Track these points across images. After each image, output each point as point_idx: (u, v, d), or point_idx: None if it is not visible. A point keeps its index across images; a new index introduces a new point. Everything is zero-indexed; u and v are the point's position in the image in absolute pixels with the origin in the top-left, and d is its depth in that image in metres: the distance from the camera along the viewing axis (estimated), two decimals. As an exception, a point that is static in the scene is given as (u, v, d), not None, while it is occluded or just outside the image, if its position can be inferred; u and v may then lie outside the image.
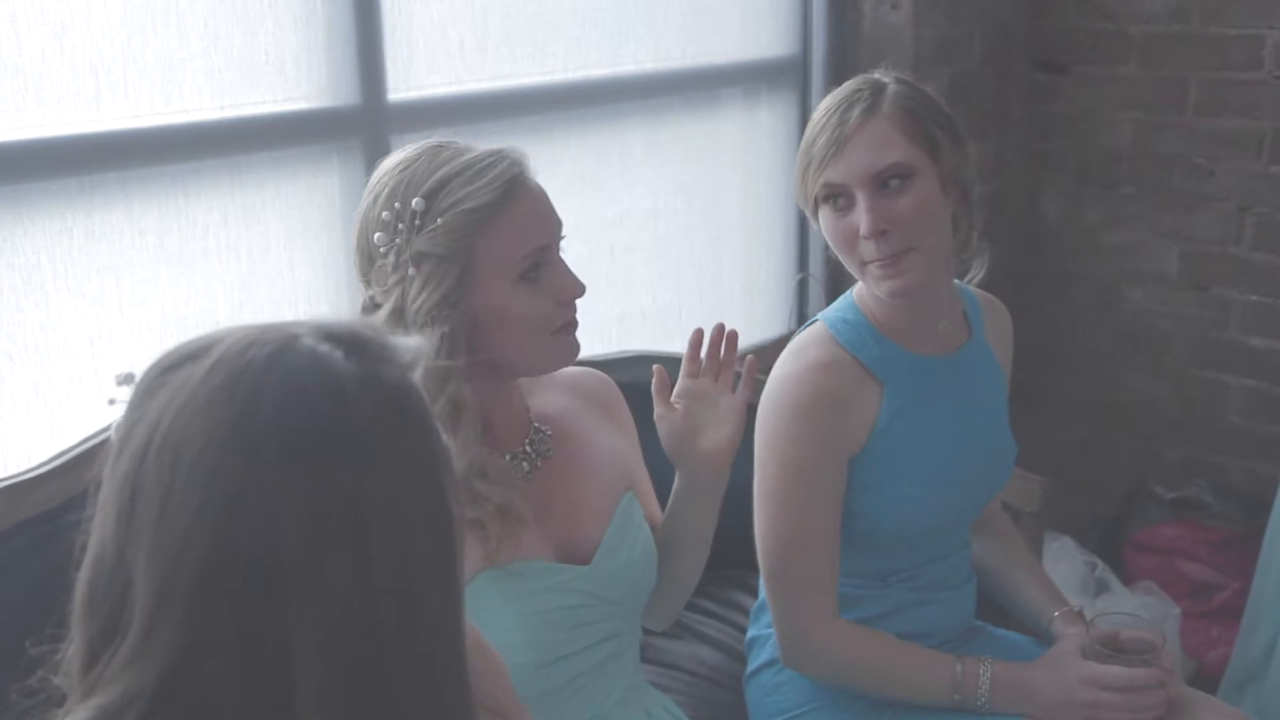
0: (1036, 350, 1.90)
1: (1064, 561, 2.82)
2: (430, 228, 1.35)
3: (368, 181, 2.07)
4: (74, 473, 1.59)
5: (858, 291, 1.73)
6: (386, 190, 1.39)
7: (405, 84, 2.14)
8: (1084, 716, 1.59)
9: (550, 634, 1.42)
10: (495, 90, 2.29)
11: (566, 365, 1.49)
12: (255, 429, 0.77)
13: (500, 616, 1.37)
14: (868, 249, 1.60)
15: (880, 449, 1.66)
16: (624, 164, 2.57)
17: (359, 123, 2.07)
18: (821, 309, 2.97)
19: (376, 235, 1.39)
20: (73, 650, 0.82)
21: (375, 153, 2.08)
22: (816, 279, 3.02)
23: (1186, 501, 3.00)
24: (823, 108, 1.64)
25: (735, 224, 2.87)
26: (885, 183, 1.59)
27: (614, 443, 1.58)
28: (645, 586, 1.55)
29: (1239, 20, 2.91)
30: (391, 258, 1.38)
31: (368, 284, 1.43)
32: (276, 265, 2.02)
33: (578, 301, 1.46)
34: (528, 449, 1.49)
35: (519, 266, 1.38)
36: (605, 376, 1.65)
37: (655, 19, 2.56)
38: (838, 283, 3.02)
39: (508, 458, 1.47)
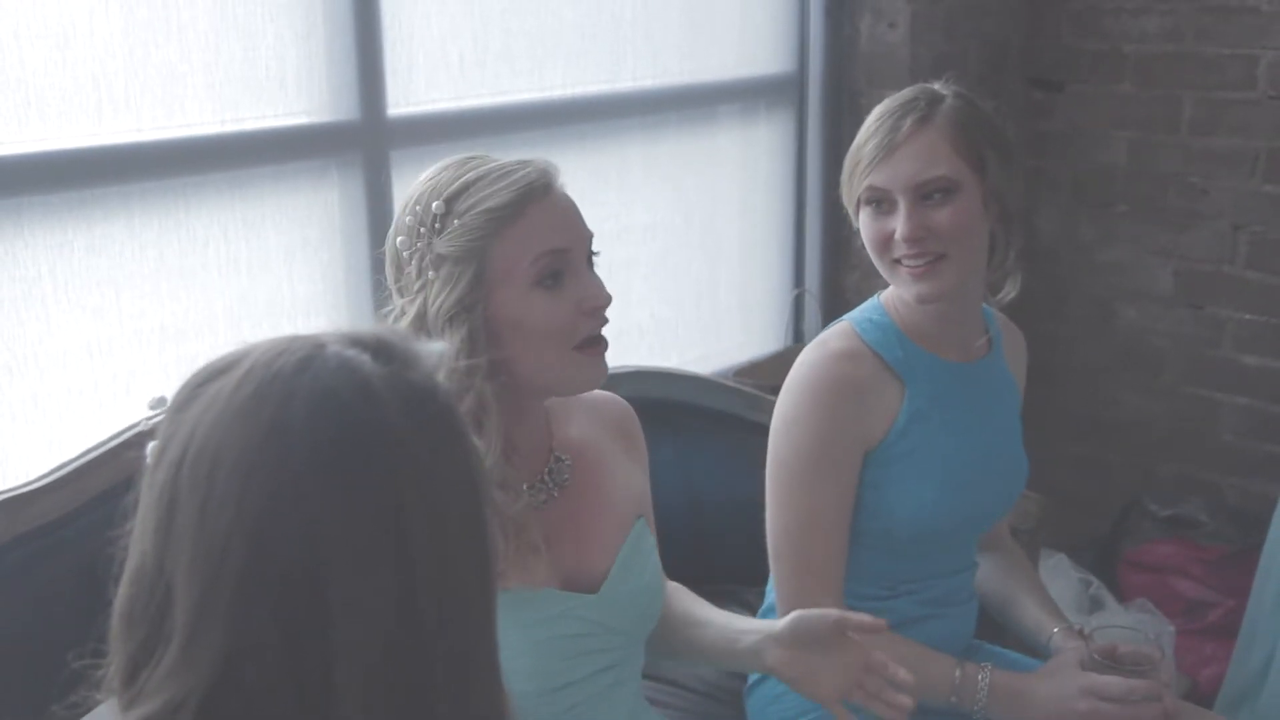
0: (1031, 367, 1.91)
1: (1059, 579, 2.83)
2: (448, 230, 1.35)
3: (367, 196, 2.11)
4: (73, 485, 1.59)
5: (885, 295, 1.75)
6: (413, 197, 1.40)
7: (405, 99, 2.14)
8: None
9: (554, 662, 1.40)
10: (494, 106, 2.30)
11: (591, 387, 1.44)
12: (288, 432, 0.78)
13: (505, 642, 1.37)
14: (901, 250, 1.63)
15: (899, 447, 1.68)
16: (622, 180, 2.58)
17: (359, 138, 2.08)
18: (817, 325, 3.02)
19: (399, 239, 1.40)
20: (114, 667, 0.82)
21: (375, 168, 2.10)
22: (813, 295, 3.03)
23: (1180, 519, 3.01)
24: (877, 112, 1.67)
25: (732, 240, 2.88)
26: (929, 194, 1.62)
27: (630, 472, 1.56)
28: (652, 614, 1.53)
29: (1233, 40, 2.93)
30: (414, 263, 1.38)
31: (398, 293, 1.42)
32: (276, 279, 2.03)
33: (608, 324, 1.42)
34: (546, 479, 1.47)
35: (533, 270, 1.35)
36: (624, 403, 1.61)
37: (653, 36, 2.58)
38: (834, 299, 3.04)
39: (525, 486, 1.44)
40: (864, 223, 1.67)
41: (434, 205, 1.36)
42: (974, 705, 1.63)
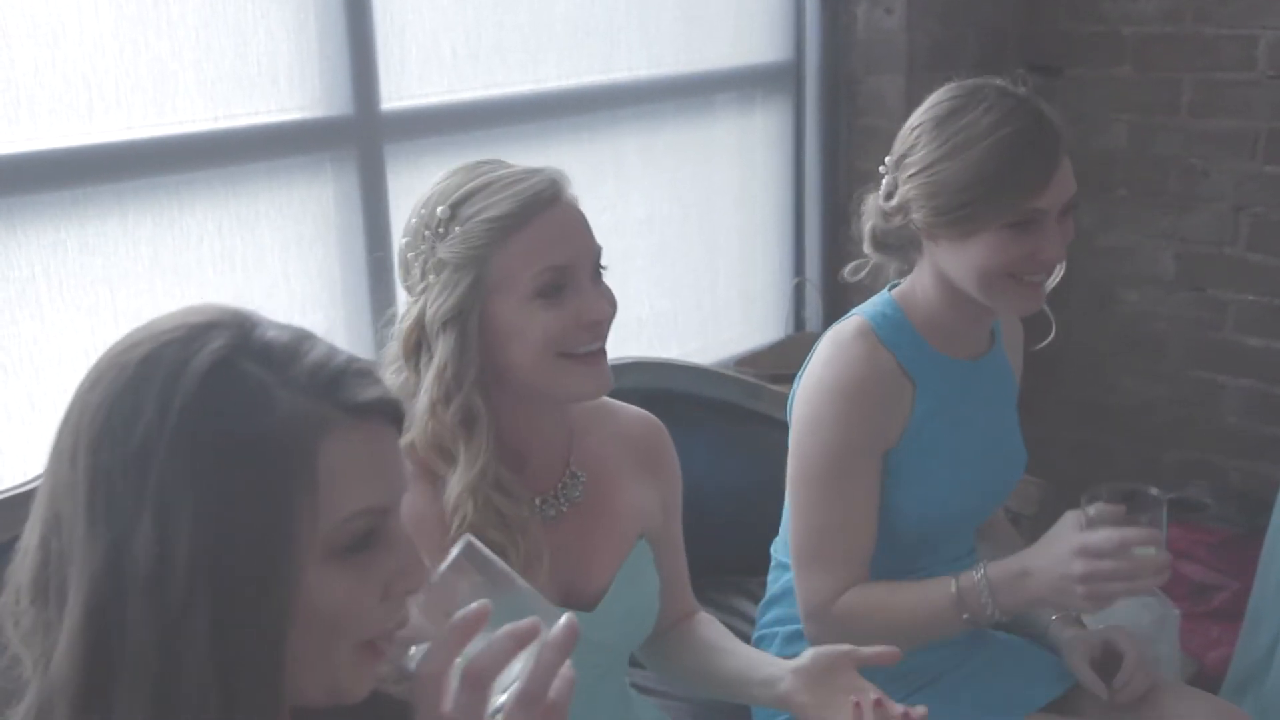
0: (1033, 353, 1.90)
1: (1063, 564, 2.82)
2: (451, 236, 1.34)
3: (362, 191, 2.10)
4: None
5: (900, 291, 1.72)
6: (421, 200, 1.39)
7: (398, 93, 2.14)
8: (1083, 593, 1.52)
9: None
10: (488, 99, 2.29)
11: (589, 396, 1.42)
12: (102, 360, 0.85)
13: None
14: (1032, 269, 1.61)
15: (910, 449, 1.66)
16: (619, 171, 2.57)
17: (352, 132, 2.08)
18: (818, 313, 3.01)
19: (404, 241, 1.40)
20: None
21: (369, 162, 2.09)
22: (813, 283, 3.02)
23: (1185, 503, 2.99)
24: (1005, 130, 1.59)
25: (731, 229, 2.88)
26: (1066, 210, 1.61)
27: (642, 492, 1.54)
28: (644, 630, 1.53)
29: (1231, 20, 2.92)
30: (418, 266, 1.37)
31: (407, 292, 1.42)
32: (271, 275, 2.02)
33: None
34: (559, 494, 1.46)
35: (533, 283, 1.33)
36: (657, 423, 1.59)
37: (648, 26, 2.57)
38: (834, 286, 3.03)
39: (538, 501, 1.44)
40: (999, 243, 1.59)
41: (439, 210, 1.35)
42: (985, 612, 1.59)
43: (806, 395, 1.67)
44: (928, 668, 1.73)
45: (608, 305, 1.39)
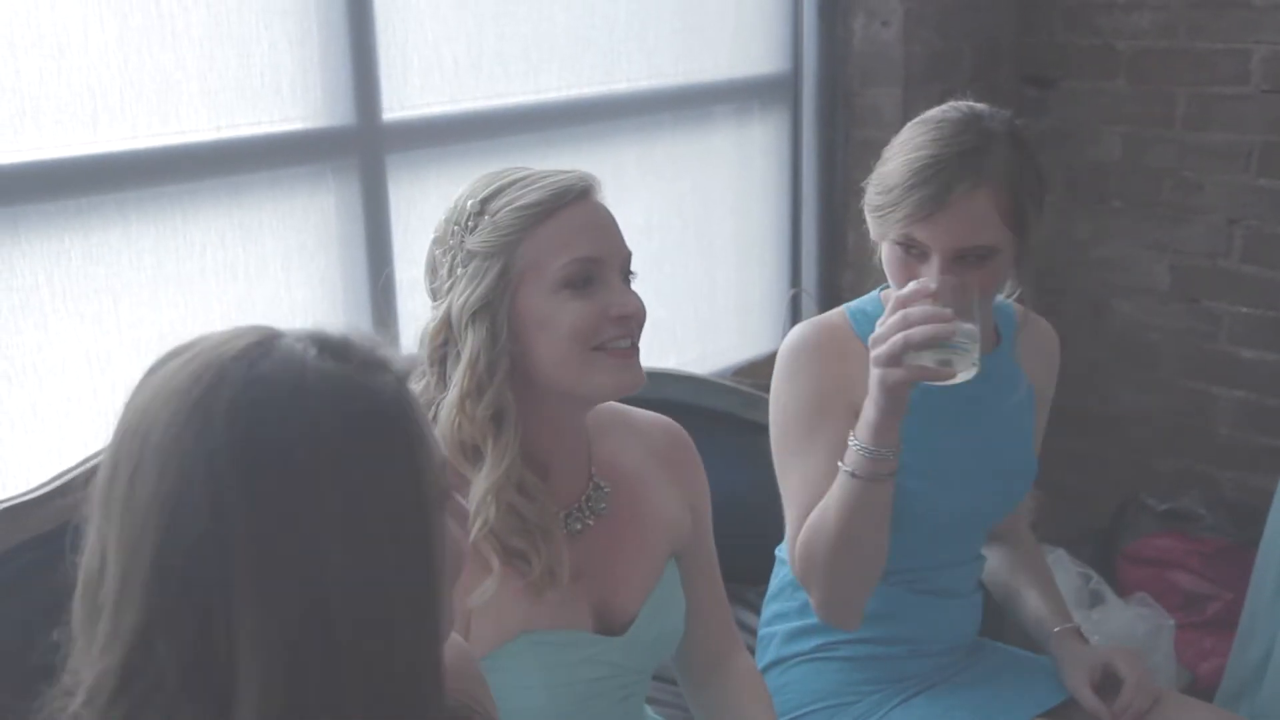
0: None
1: (1058, 574, 2.82)
2: (480, 228, 1.33)
3: (364, 201, 2.11)
4: (73, 494, 1.59)
5: (887, 294, 1.68)
6: (452, 203, 1.38)
7: (400, 104, 2.15)
8: (882, 362, 1.47)
9: (570, 704, 1.37)
10: (489, 109, 2.30)
11: (617, 391, 1.37)
12: (211, 412, 0.78)
13: (526, 678, 1.34)
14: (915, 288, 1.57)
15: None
16: (617, 181, 2.57)
17: (354, 143, 2.09)
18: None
19: (433, 239, 1.39)
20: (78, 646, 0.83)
21: (370, 172, 2.10)
22: (809, 294, 3.03)
23: (1178, 513, 3.01)
24: (922, 152, 1.57)
25: (728, 240, 2.89)
26: (965, 255, 1.56)
27: (671, 504, 1.51)
28: (668, 652, 1.51)
29: (1225, 35, 2.93)
30: (446, 263, 1.36)
31: (432, 298, 1.39)
32: (273, 285, 2.03)
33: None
34: (584, 506, 1.42)
35: (562, 272, 1.31)
36: (678, 429, 1.56)
37: (647, 37, 2.58)
38: (830, 297, 3.04)
39: (563, 515, 1.40)
40: (891, 257, 1.61)
41: (468, 204, 1.34)
42: (864, 456, 1.52)
43: (773, 379, 1.71)
44: (924, 675, 1.74)
45: (637, 302, 1.37)
